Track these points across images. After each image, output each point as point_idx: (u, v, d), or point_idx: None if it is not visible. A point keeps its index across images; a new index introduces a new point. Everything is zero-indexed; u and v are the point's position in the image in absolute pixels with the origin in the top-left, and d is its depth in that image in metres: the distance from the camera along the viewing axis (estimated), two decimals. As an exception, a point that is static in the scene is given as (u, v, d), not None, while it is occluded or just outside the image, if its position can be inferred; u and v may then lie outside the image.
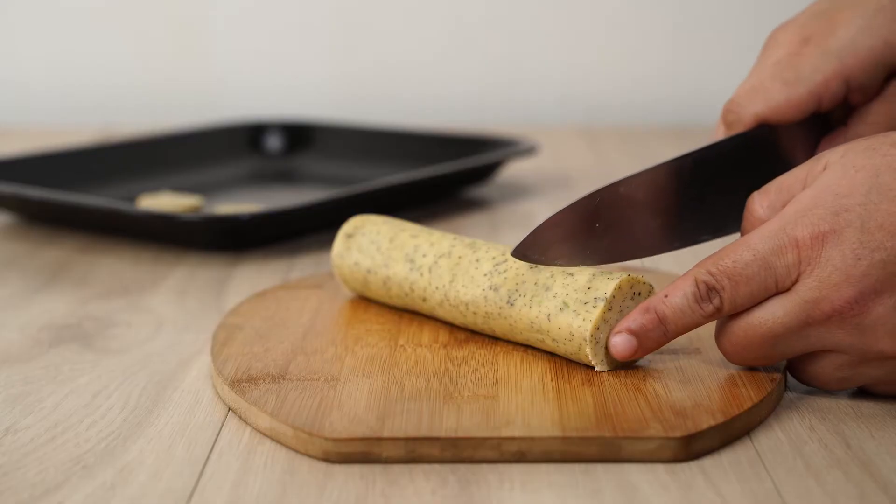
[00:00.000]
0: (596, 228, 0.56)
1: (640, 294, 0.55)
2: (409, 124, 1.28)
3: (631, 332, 0.53)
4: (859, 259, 0.50)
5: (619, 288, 0.54)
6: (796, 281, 0.51)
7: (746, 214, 0.57)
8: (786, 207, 0.53)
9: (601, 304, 0.54)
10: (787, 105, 0.60)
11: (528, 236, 0.55)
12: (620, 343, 0.54)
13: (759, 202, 0.56)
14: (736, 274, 0.52)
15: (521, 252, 0.55)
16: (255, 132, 1.12)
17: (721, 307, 0.52)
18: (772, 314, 0.51)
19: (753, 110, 0.61)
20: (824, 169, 0.53)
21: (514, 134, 1.11)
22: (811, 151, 0.62)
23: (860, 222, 0.50)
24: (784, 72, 0.61)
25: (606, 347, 0.55)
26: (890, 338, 0.50)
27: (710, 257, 0.53)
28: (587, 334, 0.54)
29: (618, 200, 0.56)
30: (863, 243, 0.50)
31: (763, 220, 0.55)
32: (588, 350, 0.54)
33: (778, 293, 0.52)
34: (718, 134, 0.62)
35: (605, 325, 0.54)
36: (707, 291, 0.52)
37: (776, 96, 0.60)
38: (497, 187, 1.01)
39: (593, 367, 0.55)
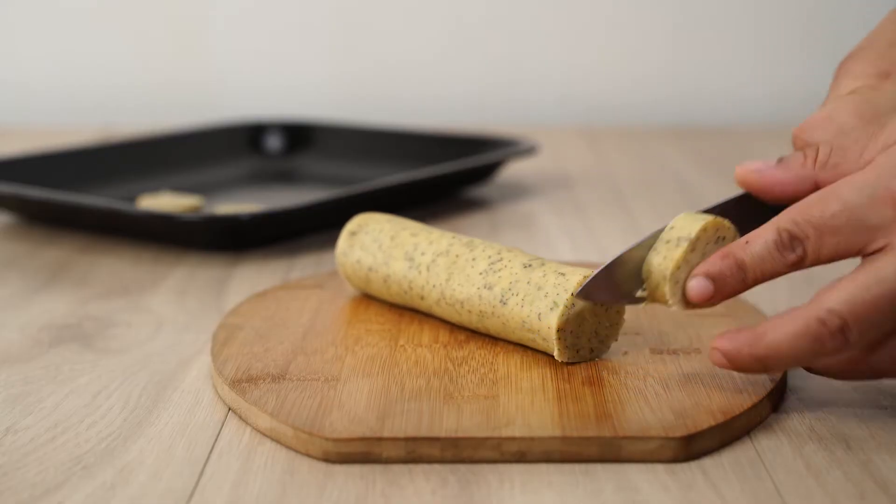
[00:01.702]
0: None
1: (723, 238, 0.53)
2: (409, 124, 1.27)
3: (709, 276, 0.51)
4: None
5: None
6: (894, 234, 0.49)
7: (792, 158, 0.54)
8: (879, 159, 0.51)
9: (683, 245, 0.53)
10: None
11: (593, 277, 0.53)
12: (697, 286, 0.51)
13: (807, 159, 0.54)
14: (822, 224, 0.49)
15: (587, 293, 0.53)
16: (255, 132, 1.12)
17: (804, 257, 0.50)
18: (883, 271, 0.48)
19: (826, 139, 0.56)
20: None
21: (514, 134, 1.11)
22: None
23: None
24: (860, 105, 0.57)
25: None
26: None
27: (795, 205, 0.51)
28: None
29: None
30: None
31: (806, 177, 0.53)
32: (667, 288, 0.53)
33: (869, 251, 0.49)
34: (792, 162, 0.56)
35: (686, 265, 0.53)
36: (790, 240, 0.50)
37: (850, 127, 0.57)
38: (497, 187, 1.01)
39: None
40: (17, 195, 0.85)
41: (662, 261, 0.53)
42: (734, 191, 0.56)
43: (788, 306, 0.68)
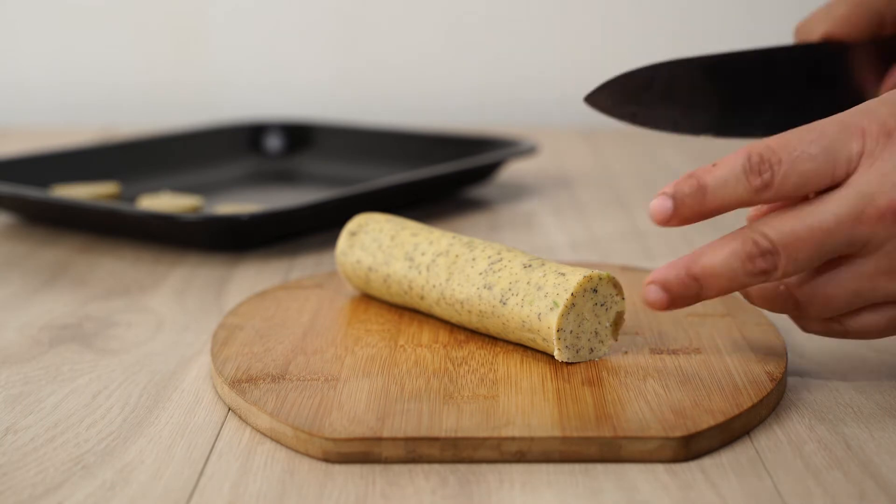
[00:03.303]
0: (660, 96, 0.56)
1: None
2: (409, 124, 1.28)
3: (667, 195, 0.51)
4: None
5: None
6: (852, 173, 0.49)
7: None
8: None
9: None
10: (850, 21, 0.63)
11: (602, 84, 0.56)
12: (658, 204, 0.51)
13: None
14: (797, 150, 0.49)
15: (593, 98, 0.56)
16: (255, 132, 1.12)
17: (771, 182, 0.49)
18: (824, 205, 0.49)
19: (819, 28, 0.64)
20: None
21: (514, 134, 1.11)
22: (880, 74, 0.66)
23: None
24: None
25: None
26: None
27: (771, 137, 0.50)
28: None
29: (684, 75, 0.57)
30: None
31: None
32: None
33: (832, 185, 0.49)
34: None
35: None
36: (759, 163, 0.49)
37: (841, 14, 0.63)
38: (497, 187, 1.01)
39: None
40: (17, 195, 0.85)
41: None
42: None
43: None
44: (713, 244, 0.51)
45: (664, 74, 0.57)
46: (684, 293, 0.51)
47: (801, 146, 0.49)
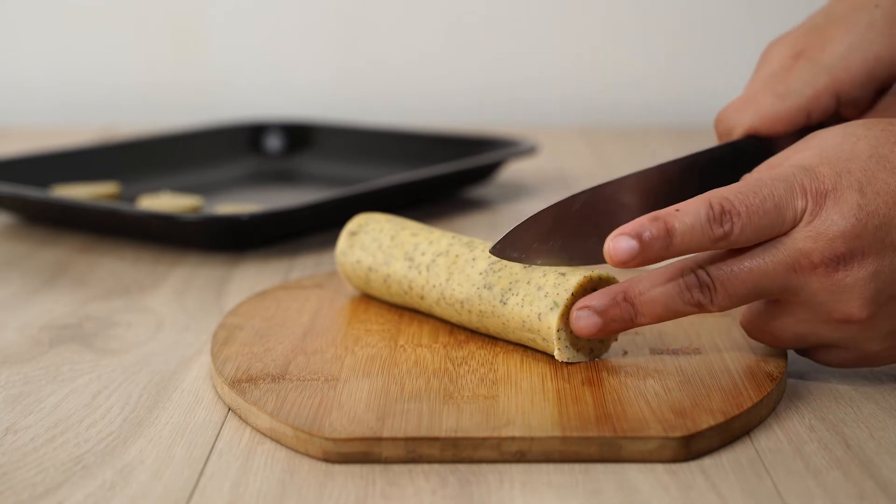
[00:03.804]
0: (579, 229, 0.56)
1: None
2: (409, 124, 1.28)
3: (636, 236, 0.51)
4: (858, 220, 0.51)
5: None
6: (794, 227, 0.52)
7: None
8: (790, 160, 0.54)
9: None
10: (777, 117, 0.61)
11: (508, 233, 0.55)
12: (623, 245, 0.51)
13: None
14: (754, 206, 0.51)
15: (500, 249, 0.55)
16: (255, 132, 1.12)
17: (731, 233, 0.51)
18: (765, 251, 0.52)
19: (744, 121, 0.62)
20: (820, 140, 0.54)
21: (514, 134, 1.11)
22: None
23: (859, 186, 0.51)
24: (775, 85, 0.62)
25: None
26: (860, 301, 0.51)
27: (726, 188, 0.52)
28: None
29: (602, 202, 0.57)
30: (861, 207, 0.51)
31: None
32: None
33: (776, 237, 0.52)
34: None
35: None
36: (721, 213, 0.51)
37: (766, 108, 0.62)
38: (497, 187, 1.01)
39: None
40: (17, 195, 0.85)
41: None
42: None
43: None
44: (652, 274, 0.53)
45: (576, 207, 0.56)
46: (619, 316, 0.53)
47: (756, 201, 0.51)
